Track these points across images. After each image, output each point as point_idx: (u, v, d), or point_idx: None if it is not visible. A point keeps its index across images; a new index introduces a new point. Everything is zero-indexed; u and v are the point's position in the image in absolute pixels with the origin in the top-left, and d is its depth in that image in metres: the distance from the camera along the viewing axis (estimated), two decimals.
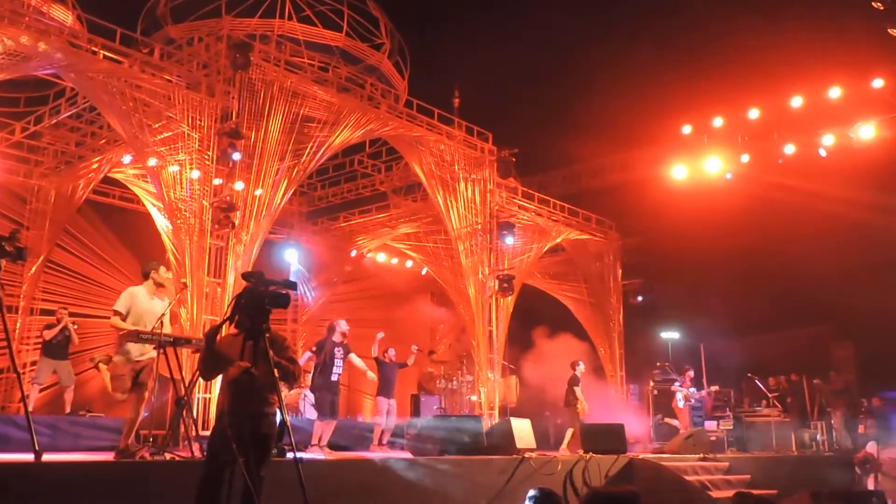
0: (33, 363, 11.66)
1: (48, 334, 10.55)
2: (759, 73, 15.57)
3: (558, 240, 15.24)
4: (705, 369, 15.38)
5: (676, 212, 15.36)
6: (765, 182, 14.32)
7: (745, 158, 14.65)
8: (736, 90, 15.14)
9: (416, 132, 12.20)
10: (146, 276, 6.74)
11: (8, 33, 8.05)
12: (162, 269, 6.77)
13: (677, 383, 13.66)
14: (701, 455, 10.59)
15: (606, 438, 9.65)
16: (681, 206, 15.21)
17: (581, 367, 12.25)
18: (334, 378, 9.23)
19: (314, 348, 9.59)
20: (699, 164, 15.17)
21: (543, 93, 18.00)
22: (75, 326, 10.84)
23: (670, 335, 17.49)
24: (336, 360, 9.24)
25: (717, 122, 15.09)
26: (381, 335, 11.38)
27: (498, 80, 19.29)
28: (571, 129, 17.39)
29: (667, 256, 16.32)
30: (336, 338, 9.40)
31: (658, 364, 14.88)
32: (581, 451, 9.04)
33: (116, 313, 6.47)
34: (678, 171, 15.41)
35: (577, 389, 11.89)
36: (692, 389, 13.50)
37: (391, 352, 12.18)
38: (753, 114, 14.48)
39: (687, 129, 15.59)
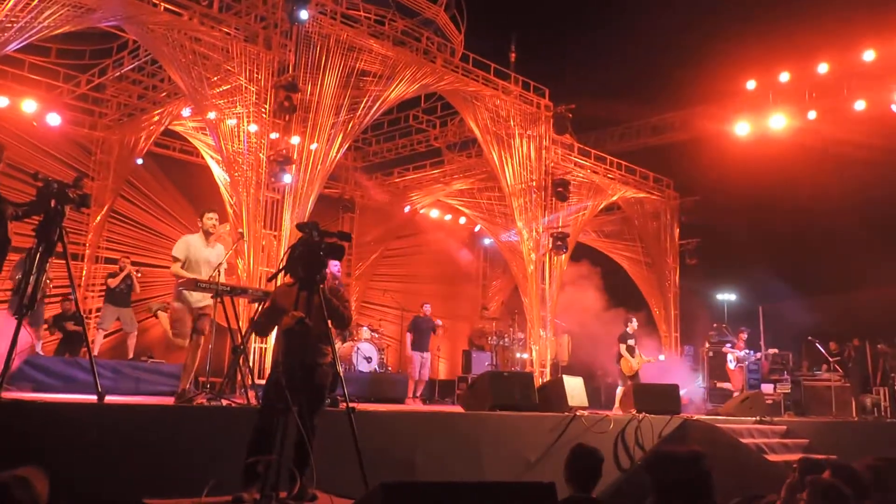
0: (98, 310, 12.10)
1: (112, 282, 10.93)
2: (830, 26, 14.81)
3: (614, 198, 14.98)
4: (763, 332, 15.05)
5: (737, 170, 14.87)
6: (832, 139, 13.73)
7: (812, 115, 14.06)
8: (805, 44, 14.47)
9: (472, 87, 12.04)
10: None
11: None
12: (206, 215, 6.84)
13: (729, 345, 13.41)
14: (757, 418, 10.41)
15: (660, 399, 9.54)
16: (742, 165, 14.72)
17: (633, 324, 12.11)
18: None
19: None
20: (763, 121, 14.62)
21: (602, 48, 17.48)
22: (139, 274, 11.18)
23: (727, 297, 17.13)
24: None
25: (784, 77, 14.49)
26: (427, 306, 11.70)
27: (556, 35, 18.84)
28: (630, 84, 16.93)
29: (726, 216, 15.90)
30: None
31: (714, 325, 14.61)
32: (634, 411, 8.96)
33: (175, 259, 6.65)
34: (741, 128, 14.89)
35: (623, 346, 11.82)
36: (746, 351, 13.24)
37: (427, 307, 12.24)
38: (822, 68, 13.86)
39: (751, 85, 15.02)
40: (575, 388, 9.01)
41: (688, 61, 15.78)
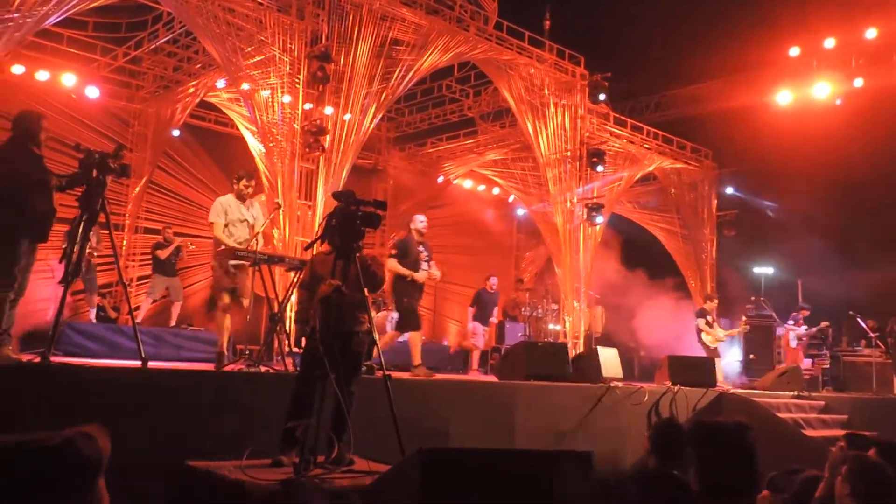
0: (139, 278, 12.36)
1: (162, 254, 11.15)
2: None
3: (650, 168, 14.78)
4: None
5: (777, 140, 14.53)
6: (879, 109, 13.33)
7: (858, 82, 13.65)
8: (852, 8, 14.00)
9: (506, 56, 11.90)
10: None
11: None
12: (243, 181, 7.00)
13: (790, 322, 13.21)
14: (795, 393, 10.29)
15: (695, 371, 9.48)
16: (783, 135, 14.36)
17: (713, 303, 12.19)
18: (416, 282, 8.19)
19: (394, 251, 8.27)
20: (806, 89, 14.24)
21: (638, 15, 17.11)
22: (192, 247, 11.40)
23: (765, 270, 16.87)
24: (421, 263, 8.16)
25: (829, 43, 14.06)
26: (494, 280, 11.90)
27: (591, 3, 18.47)
28: (667, 53, 16.57)
29: (765, 187, 15.60)
30: (416, 235, 8.31)
31: (752, 299, 14.41)
32: (668, 383, 8.92)
33: (216, 225, 6.79)
34: (782, 97, 14.52)
35: (700, 321, 11.80)
36: (805, 328, 13.05)
37: (493, 280, 12.20)
38: (871, 34, 13.42)
39: (795, 52, 14.61)
40: (609, 359, 8.99)
41: (727, 28, 15.40)
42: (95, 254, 9.91)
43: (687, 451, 2.38)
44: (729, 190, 16.27)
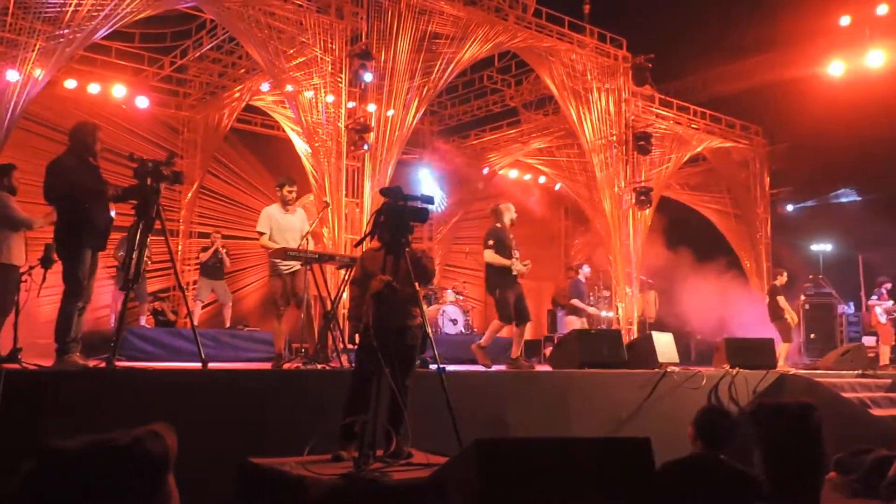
0: (195, 282, 12.66)
1: (203, 256, 11.41)
2: None
3: (699, 149, 14.49)
4: (864, 282, 14.37)
5: (831, 113, 14.07)
6: None
7: None
8: None
9: (546, 43, 11.80)
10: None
11: None
12: (286, 188, 7.18)
13: (874, 297, 12.83)
14: (859, 371, 10.01)
15: (754, 353, 9.29)
16: (836, 106, 13.92)
17: (783, 277, 11.82)
18: (514, 273, 7.94)
19: (490, 241, 8.00)
20: (859, 59, 13.76)
21: None
22: (224, 249, 11.60)
23: (822, 247, 16.41)
24: (513, 252, 7.95)
25: (882, 9, 13.55)
26: (586, 268, 11.61)
27: None
28: (712, 29, 16.20)
29: (820, 161, 15.14)
30: (506, 223, 8.13)
31: (810, 277, 14.04)
32: (726, 366, 8.76)
33: (261, 234, 6.98)
34: (834, 68, 14.07)
35: (781, 299, 11.53)
36: (891, 303, 12.65)
37: (586, 269, 11.96)
38: None
39: (845, 21, 14.13)
40: (665, 344, 8.88)
41: (773, 0, 15.00)
42: (149, 261, 10.18)
43: (751, 433, 2.34)
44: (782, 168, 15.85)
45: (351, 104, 9.87)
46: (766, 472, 2.28)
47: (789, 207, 15.44)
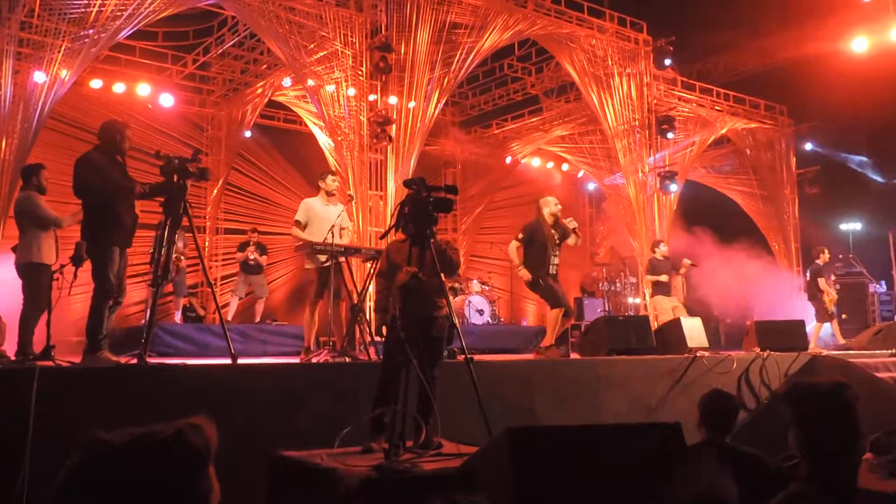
0: (223, 278, 12.80)
1: (240, 256, 11.55)
2: None
3: (723, 130, 14.32)
4: (895, 260, 14.13)
5: (857, 89, 13.81)
6: None
7: None
8: None
9: (566, 29, 11.72)
10: (319, 187, 7.31)
11: None
12: (329, 177, 7.26)
13: None
14: (893, 350, 9.86)
15: (785, 335, 9.19)
16: (862, 82, 13.66)
17: (825, 255, 11.62)
18: (552, 270, 7.85)
19: (520, 235, 7.98)
20: (884, 34, 13.47)
21: None
22: (252, 258, 11.54)
23: (852, 226, 16.15)
24: (550, 249, 7.81)
25: None
26: (663, 247, 11.24)
27: None
28: (732, 9, 15.95)
29: (847, 139, 14.89)
30: (548, 218, 7.93)
31: (840, 257, 13.83)
32: (757, 349, 8.68)
33: (297, 224, 7.04)
34: (858, 44, 13.79)
35: (822, 281, 11.37)
36: None
37: (663, 247, 11.57)
38: None
39: None
40: (694, 329, 8.81)
41: None
42: (183, 258, 10.30)
43: (785, 412, 2.32)
44: (808, 146, 15.61)
45: (372, 97, 9.89)
46: (802, 453, 2.26)
47: (816, 188, 15.17)
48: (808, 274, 11.82)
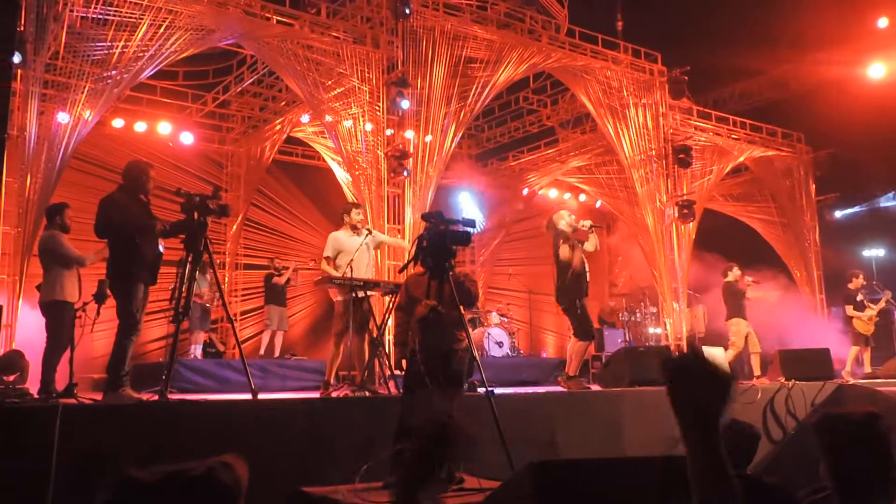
0: (242, 313, 12.83)
1: (280, 280, 11.68)
2: None
3: (741, 159, 14.27)
4: None
5: (874, 116, 13.77)
6: None
7: None
8: None
9: (581, 61, 11.80)
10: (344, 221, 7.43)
11: (192, 10, 8.63)
12: (353, 211, 7.31)
13: None
14: None
15: (810, 364, 9.06)
16: (879, 109, 13.63)
17: (858, 280, 11.44)
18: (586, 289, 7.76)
19: (561, 241, 7.78)
20: None
21: (712, 2, 16.62)
22: (289, 282, 11.79)
23: (875, 252, 15.95)
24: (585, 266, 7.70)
25: None
26: (736, 270, 10.83)
27: None
28: (747, 37, 16.01)
29: (866, 165, 14.77)
30: (565, 230, 7.75)
31: (865, 283, 13.64)
32: (782, 379, 8.55)
33: (326, 259, 7.17)
34: (875, 71, 13.79)
35: (849, 308, 11.23)
36: None
37: (736, 271, 11.01)
38: None
39: (883, 23, 13.88)
40: (717, 358, 8.70)
41: (808, 4, 14.77)
42: (207, 301, 10.43)
43: (816, 442, 2.27)
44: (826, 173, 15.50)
45: (389, 131, 9.99)
46: (834, 484, 2.21)
47: (837, 214, 15.04)
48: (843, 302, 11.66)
